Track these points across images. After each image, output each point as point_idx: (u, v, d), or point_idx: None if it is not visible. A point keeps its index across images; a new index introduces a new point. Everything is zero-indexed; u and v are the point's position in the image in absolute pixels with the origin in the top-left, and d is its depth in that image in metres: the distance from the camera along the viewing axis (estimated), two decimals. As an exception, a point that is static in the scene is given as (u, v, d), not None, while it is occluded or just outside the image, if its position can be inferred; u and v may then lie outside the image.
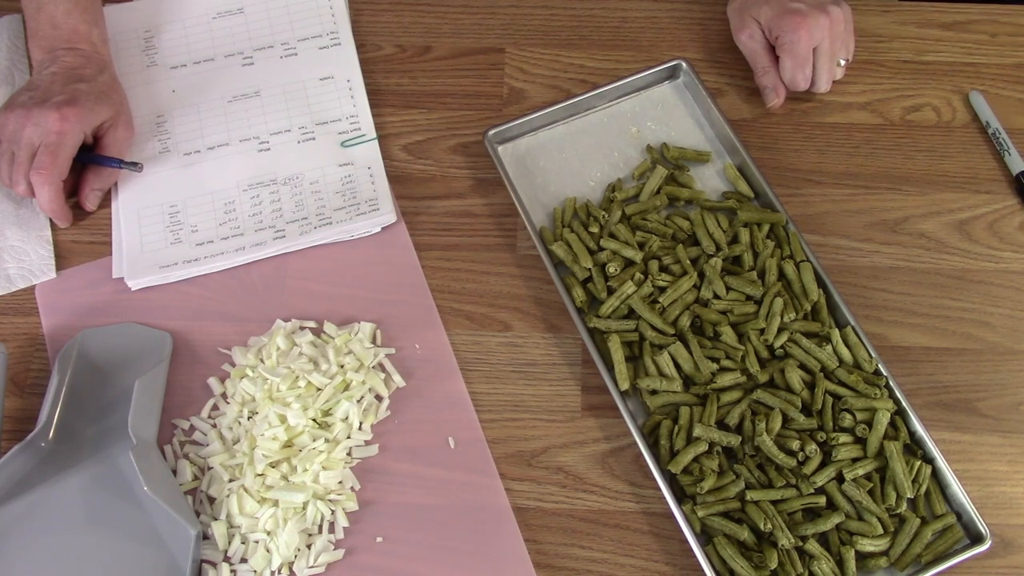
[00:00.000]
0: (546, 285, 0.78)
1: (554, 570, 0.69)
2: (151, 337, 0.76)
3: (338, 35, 0.89)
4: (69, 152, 0.77)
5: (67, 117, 0.76)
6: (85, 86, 0.78)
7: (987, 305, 0.77)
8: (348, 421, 0.72)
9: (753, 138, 0.84)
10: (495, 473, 0.71)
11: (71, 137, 0.76)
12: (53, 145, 0.76)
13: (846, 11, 0.82)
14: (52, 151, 0.76)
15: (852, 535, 0.67)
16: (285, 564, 0.67)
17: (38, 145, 0.76)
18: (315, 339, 0.74)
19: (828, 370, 0.72)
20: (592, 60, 0.88)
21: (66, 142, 0.76)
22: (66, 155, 0.77)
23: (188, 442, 0.72)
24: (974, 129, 0.85)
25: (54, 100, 0.76)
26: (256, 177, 0.83)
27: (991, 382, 0.74)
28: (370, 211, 0.80)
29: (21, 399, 0.75)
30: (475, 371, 0.75)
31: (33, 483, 0.69)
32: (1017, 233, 0.80)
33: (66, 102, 0.76)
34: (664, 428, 0.70)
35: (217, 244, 0.79)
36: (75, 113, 0.76)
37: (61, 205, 0.78)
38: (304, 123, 0.85)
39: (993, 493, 0.71)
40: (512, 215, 0.81)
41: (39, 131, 0.76)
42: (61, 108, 0.76)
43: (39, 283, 0.78)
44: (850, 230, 0.80)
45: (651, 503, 0.70)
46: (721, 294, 0.73)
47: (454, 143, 0.85)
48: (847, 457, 0.68)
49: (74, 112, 0.76)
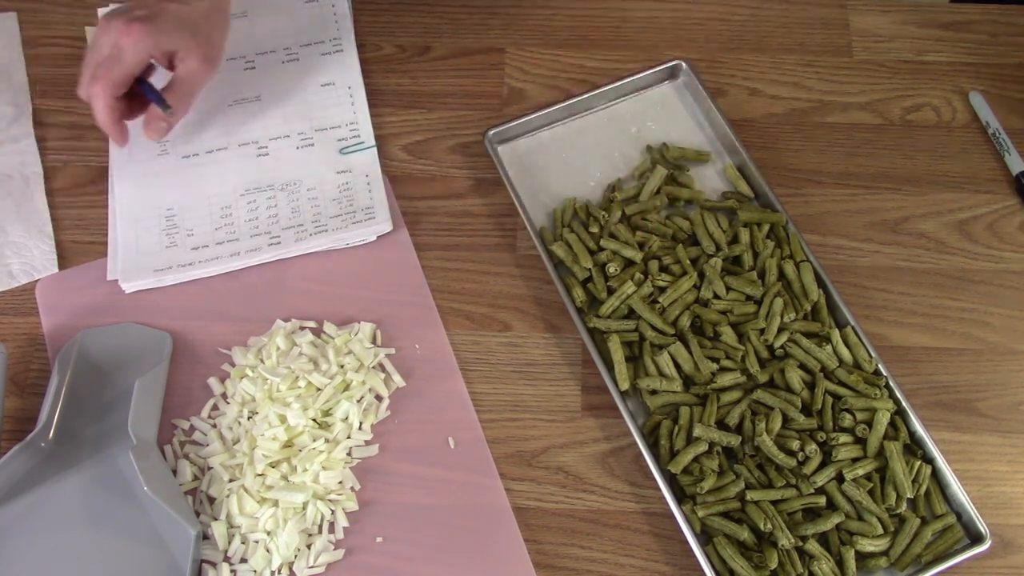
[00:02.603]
0: (546, 285, 0.78)
1: (554, 570, 0.69)
2: (151, 337, 0.76)
3: (340, 41, 0.89)
4: (128, 69, 0.74)
5: (132, 32, 0.73)
6: (175, 7, 0.75)
7: (987, 305, 0.77)
8: (348, 421, 0.72)
9: (753, 138, 0.84)
10: (495, 473, 0.71)
11: (131, 54, 0.73)
12: (112, 58, 0.73)
13: None
14: (109, 64, 0.73)
15: (852, 535, 0.67)
16: (285, 564, 0.67)
17: (104, 56, 0.74)
18: (315, 339, 0.74)
19: (828, 370, 0.72)
20: (592, 60, 0.88)
21: (125, 58, 0.73)
22: (123, 71, 0.74)
23: (188, 442, 0.72)
24: (974, 129, 0.85)
25: (133, 13, 0.74)
26: (254, 182, 0.83)
27: (991, 382, 0.74)
28: (366, 219, 0.80)
29: (21, 399, 0.75)
30: (475, 371, 0.75)
31: (33, 483, 0.69)
32: (1017, 233, 0.80)
33: (139, 18, 0.73)
34: (664, 428, 0.70)
35: (212, 249, 0.79)
36: (141, 30, 0.73)
37: (114, 122, 0.76)
38: (303, 129, 0.85)
39: (993, 493, 0.71)
40: (512, 215, 0.81)
41: (107, 42, 0.73)
42: (131, 23, 0.73)
43: (40, 282, 0.79)
44: (850, 230, 0.80)
45: (651, 503, 0.70)
46: (721, 294, 0.73)
47: (454, 143, 0.85)
48: (847, 457, 0.68)
49: (140, 29, 0.73)
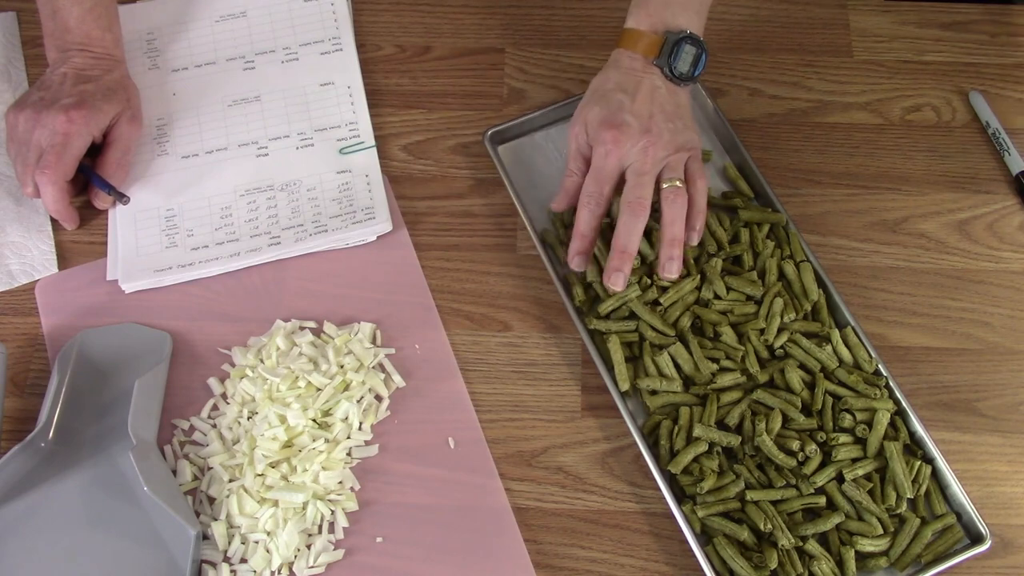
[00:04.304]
0: (546, 285, 0.78)
1: (554, 570, 0.69)
2: (151, 337, 0.76)
3: (340, 41, 0.89)
4: (75, 153, 0.78)
5: (74, 119, 0.77)
6: (92, 86, 0.79)
7: (987, 305, 0.77)
8: (348, 421, 0.72)
9: (753, 138, 0.84)
10: (495, 473, 0.71)
11: (77, 139, 0.77)
12: (59, 147, 0.76)
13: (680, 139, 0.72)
14: (57, 152, 0.76)
15: (852, 535, 0.67)
16: (285, 564, 0.67)
17: (45, 147, 0.77)
18: (315, 339, 0.74)
19: (828, 370, 0.72)
20: (592, 60, 0.88)
21: (72, 143, 0.77)
22: (71, 156, 0.77)
23: (188, 442, 0.72)
24: (974, 129, 0.85)
25: (62, 103, 0.77)
26: (254, 182, 0.83)
27: (991, 382, 0.74)
28: (366, 219, 0.80)
29: (21, 399, 0.75)
30: (475, 371, 0.75)
31: (33, 483, 0.69)
32: (1017, 233, 0.80)
33: (74, 105, 0.77)
34: (664, 428, 0.70)
35: (212, 249, 0.79)
36: (82, 115, 0.77)
37: (66, 206, 0.79)
38: (303, 129, 0.85)
39: (993, 493, 0.70)
40: (512, 215, 0.81)
41: (46, 133, 0.77)
42: (69, 111, 0.77)
43: (40, 282, 0.79)
44: (850, 230, 0.80)
45: (651, 503, 0.70)
46: (721, 294, 0.73)
47: (454, 143, 0.85)
48: (847, 457, 0.68)
49: (81, 115, 0.77)
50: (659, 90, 0.73)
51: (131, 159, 0.82)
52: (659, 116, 0.72)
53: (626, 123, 0.71)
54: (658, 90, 0.73)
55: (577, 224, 0.72)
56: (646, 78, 0.73)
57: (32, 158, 0.77)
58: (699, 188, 0.73)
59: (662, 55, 0.73)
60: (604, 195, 0.72)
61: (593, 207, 0.71)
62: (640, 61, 0.74)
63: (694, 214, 0.72)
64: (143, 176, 0.83)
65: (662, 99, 0.73)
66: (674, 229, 0.71)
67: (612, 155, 0.71)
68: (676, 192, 0.71)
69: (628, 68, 0.74)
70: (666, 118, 0.72)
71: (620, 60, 0.75)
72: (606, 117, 0.71)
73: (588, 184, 0.72)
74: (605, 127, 0.71)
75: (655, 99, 0.72)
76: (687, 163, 0.73)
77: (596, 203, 0.71)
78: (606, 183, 0.72)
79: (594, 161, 0.72)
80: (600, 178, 0.71)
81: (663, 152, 0.71)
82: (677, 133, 0.72)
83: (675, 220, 0.71)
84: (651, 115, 0.71)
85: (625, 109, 0.71)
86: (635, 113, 0.71)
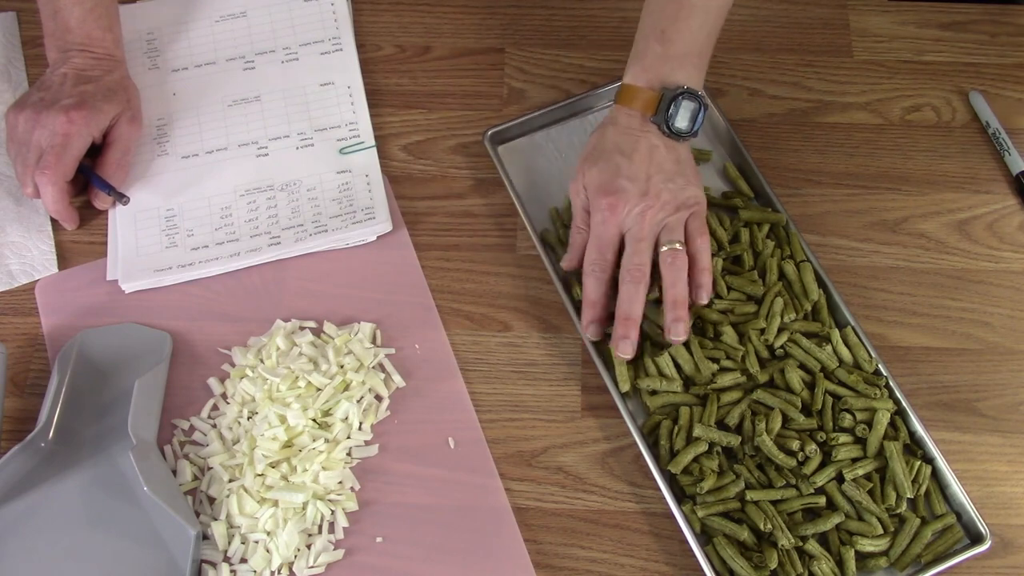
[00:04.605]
0: (546, 285, 0.78)
1: (554, 570, 0.69)
2: (151, 337, 0.76)
3: (340, 41, 0.89)
4: (75, 154, 0.78)
5: (74, 120, 0.77)
6: (92, 87, 0.79)
7: (987, 305, 0.77)
8: (348, 421, 0.72)
9: (753, 138, 0.84)
10: (495, 473, 0.71)
11: (77, 139, 0.77)
12: (59, 147, 0.76)
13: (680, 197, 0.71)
14: (57, 152, 0.76)
15: (852, 535, 0.67)
16: (285, 564, 0.67)
17: (45, 147, 0.77)
18: (315, 339, 0.74)
19: (828, 370, 0.72)
20: (592, 60, 0.88)
21: (72, 144, 0.77)
22: (71, 157, 0.77)
23: (188, 442, 0.72)
24: (974, 129, 0.85)
25: (62, 103, 0.77)
26: (254, 182, 0.83)
27: (991, 382, 0.74)
28: (366, 219, 0.80)
29: (21, 399, 0.75)
30: (475, 371, 0.75)
31: (33, 483, 0.69)
32: (1017, 233, 0.80)
33: (74, 105, 0.77)
34: (664, 428, 0.70)
35: (212, 249, 0.79)
36: (82, 116, 0.77)
37: (66, 206, 0.79)
38: (303, 129, 0.85)
39: (993, 493, 0.70)
40: (512, 215, 0.81)
41: (46, 133, 0.77)
42: (69, 111, 0.77)
43: (40, 282, 0.79)
44: (850, 230, 0.80)
45: (651, 503, 0.70)
46: (722, 294, 0.74)
47: (454, 143, 0.85)
48: (847, 457, 0.68)
49: (81, 115, 0.77)
50: (657, 149, 0.72)
51: (131, 160, 0.83)
52: (657, 177, 0.71)
53: (622, 188, 0.70)
54: (656, 149, 0.72)
55: (585, 293, 0.72)
56: (643, 137, 0.72)
57: (32, 158, 0.77)
58: (699, 246, 0.72)
59: (659, 112, 0.72)
60: (608, 261, 0.71)
61: (598, 274, 0.71)
62: (638, 118, 0.72)
63: (697, 272, 0.72)
64: (143, 176, 0.83)
65: (660, 158, 0.71)
66: (676, 291, 0.70)
67: (609, 222, 0.70)
68: (674, 254, 0.70)
69: (625, 127, 0.73)
70: (665, 178, 0.71)
71: (618, 117, 0.73)
72: (603, 182, 0.71)
73: (590, 252, 0.72)
74: (602, 193, 0.71)
75: (653, 159, 0.71)
76: (688, 221, 0.72)
77: (601, 270, 0.71)
78: (607, 250, 0.71)
79: (592, 228, 0.72)
80: (600, 246, 0.71)
81: (661, 215, 0.70)
82: (678, 192, 0.71)
83: (676, 282, 0.70)
84: (649, 177, 0.70)
85: (622, 173, 0.70)
86: (632, 176, 0.70)
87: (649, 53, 0.73)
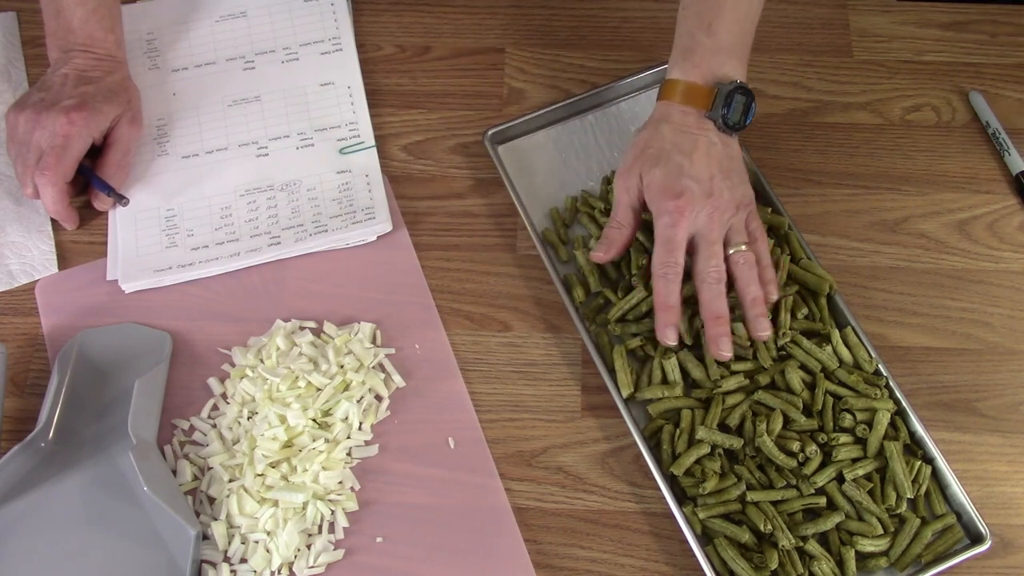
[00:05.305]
0: (546, 285, 0.78)
1: (554, 570, 0.69)
2: (151, 337, 0.76)
3: (340, 41, 0.89)
4: (74, 155, 0.78)
5: (74, 121, 0.77)
6: (93, 88, 0.79)
7: (987, 305, 0.77)
8: (348, 421, 0.72)
9: (753, 138, 0.84)
10: (495, 473, 0.71)
11: (77, 140, 0.77)
12: (59, 148, 0.76)
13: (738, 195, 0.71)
14: (57, 153, 0.76)
15: (852, 535, 0.67)
16: (285, 564, 0.67)
17: (45, 148, 0.77)
18: (315, 339, 0.74)
19: (828, 370, 0.72)
20: (592, 60, 0.88)
21: (72, 145, 0.77)
22: (71, 157, 0.77)
23: (188, 442, 0.72)
24: (974, 129, 0.85)
25: (63, 104, 0.77)
26: (254, 182, 0.83)
27: (991, 382, 0.74)
28: (366, 219, 0.80)
29: (21, 399, 0.75)
30: (475, 371, 0.75)
31: (33, 483, 0.69)
32: (1017, 233, 0.80)
33: (74, 106, 0.77)
34: (666, 432, 0.70)
35: (212, 249, 0.79)
36: (82, 117, 0.77)
37: (65, 207, 0.79)
38: (303, 129, 0.85)
39: (993, 493, 0.70)
40: (512, 215, 0.81)
41: (47, 134, 0.77)
42: (69, 112, 0.77)
43: (40, 282, 0.79)
44: (850, 230, 0.80)
45: (651, 504, 0.70)
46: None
47: (454, 143, 0.85)
48: (847, 457, 0.68)
49: (81, 116, 0.77)
50: (715, 147, 0.71)
51: (131, 161, 0.83)
52: (718, 176, 0.70)
53: (688, 189, 0.69)
54: (714, 147, 0.71)
55: (658, 297, 0.70)
56: (701, 135, 0.71)
57: (32, 159, 0.77)
58: (761, 248, 0.72)
59: (715, 107, 0.71)
60: (679, 264, 0.70)
61: (672, 277, 0.69)
62: (693, 115, 0.71)
63: (763, 269, 0.72)
64: (143, 176, 0.83)
65: (719, 156, 0.71)
66: (751, 290, 0.70)
67: (679, 225, 0.69)
68: (745, 257, 0.70)
69: (680, 124, 0.71)
70: (724, 176, 0.70)
71: (671, 114, 0.72)
72: (666, 184, 0.69)
73: (660, 255, 0.70)
74: (667, 196, 0.69)
75: (712, 157, 0.70)
76: (747, 221, 0.72)
77: (674, 273, 0.69)
78: (678, 251, 0.69)
79: (659, 231, 0.70)
80: (671, 248, 0.69)
81: (727, 214, 0.70)
82: (735, 189, 0.70)
83: (750, 282, 0.70)
84: (711, 176, 0.70)
85: (685, 173, 0.69)
86: (695, 177, 0.69)
87: (698, 47, 0.72)
